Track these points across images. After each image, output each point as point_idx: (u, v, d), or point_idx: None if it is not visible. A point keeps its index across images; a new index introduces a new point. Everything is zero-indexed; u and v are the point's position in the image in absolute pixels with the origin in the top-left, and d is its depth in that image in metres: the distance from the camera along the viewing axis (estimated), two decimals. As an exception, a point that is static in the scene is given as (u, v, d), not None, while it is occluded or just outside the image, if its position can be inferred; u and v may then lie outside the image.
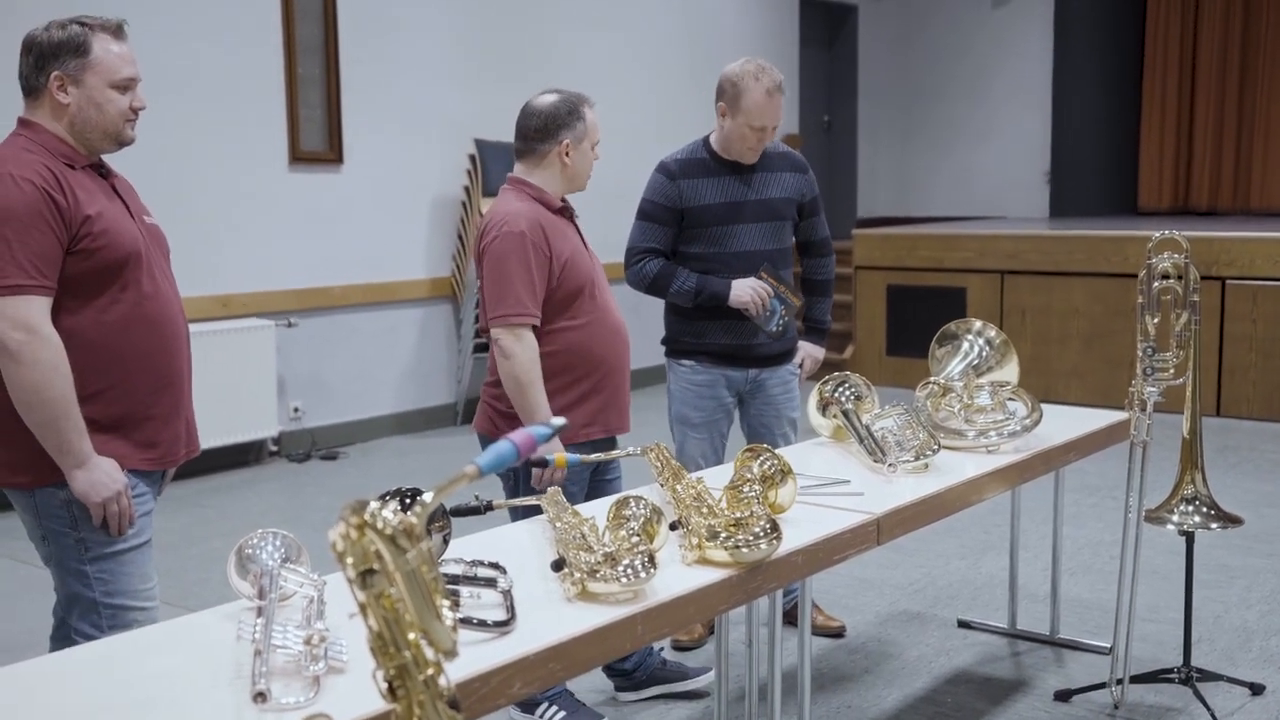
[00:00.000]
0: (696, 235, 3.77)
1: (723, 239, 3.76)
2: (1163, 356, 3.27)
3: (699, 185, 3.76)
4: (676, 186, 3.76)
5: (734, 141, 3.74)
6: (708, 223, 3.76)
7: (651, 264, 3.77)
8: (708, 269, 3.76)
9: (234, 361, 6.31)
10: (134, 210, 2.62)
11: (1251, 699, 3.49)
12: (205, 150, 6.33)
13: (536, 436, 1.45)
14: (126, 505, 2.52)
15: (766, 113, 3.67)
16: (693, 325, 3.83)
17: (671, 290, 3.76)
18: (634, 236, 3.83)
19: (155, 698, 1.68)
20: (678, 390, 3.89)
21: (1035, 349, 7.98)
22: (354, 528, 1.21)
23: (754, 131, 3.69)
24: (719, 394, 3.86)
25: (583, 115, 3.24)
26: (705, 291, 3.73)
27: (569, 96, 3.26)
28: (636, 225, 3.84)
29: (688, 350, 3.86)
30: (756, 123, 3.68)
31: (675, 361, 3.90)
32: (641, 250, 3.79)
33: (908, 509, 2.69)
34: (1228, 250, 7.51)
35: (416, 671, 1.22)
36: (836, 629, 4.04)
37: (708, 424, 3.87)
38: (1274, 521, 5.24)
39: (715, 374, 3.84)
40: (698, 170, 3.78)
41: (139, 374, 2.55)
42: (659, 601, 2.04)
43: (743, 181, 3.79)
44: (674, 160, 3.84)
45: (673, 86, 8.92)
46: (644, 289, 3.81)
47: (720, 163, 3.79)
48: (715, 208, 3.76)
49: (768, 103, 3.66)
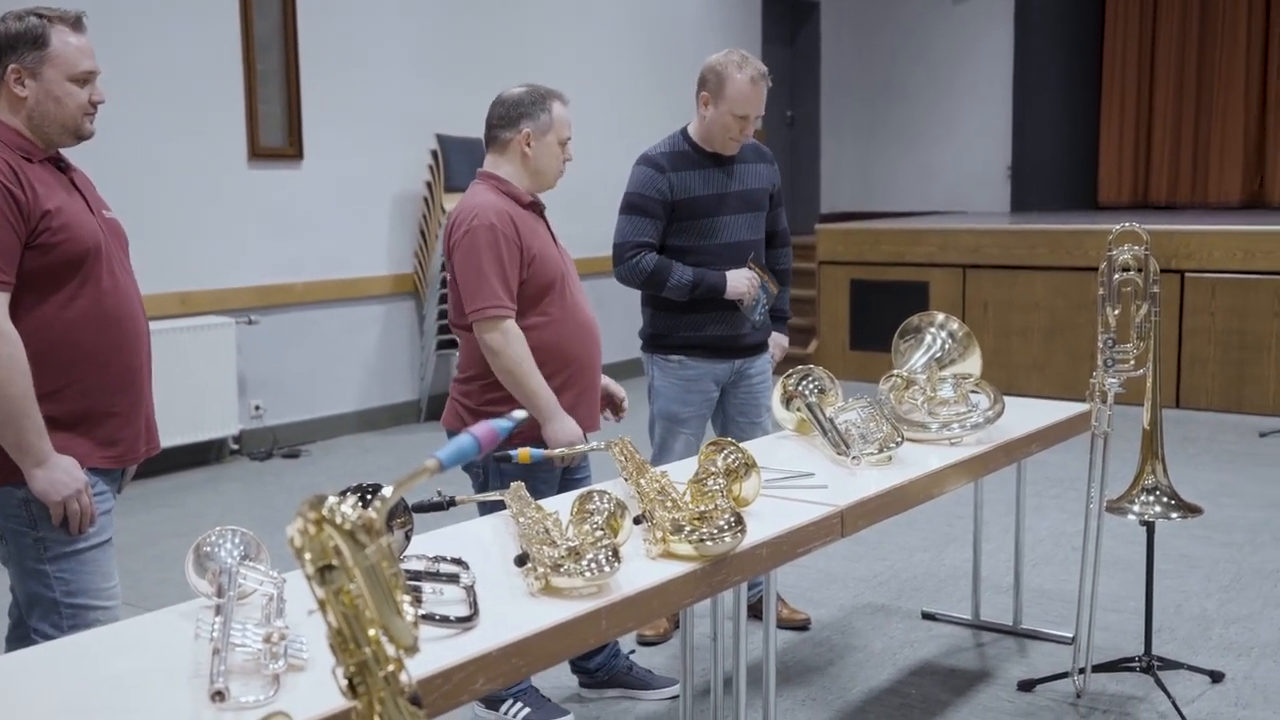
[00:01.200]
0: (686, 228, 3.75)
1: (712, 231, 3.75)
2: (1123, 348, 3.29)
3: (687, 177, 3.74)
4: (667, 179, 3.73)
5: (716, 132, 3.72)
6: (697, 215, 3.74)
7: (647, 258, 3.72)
8: (698, 261, 3.73)
9: (194, 359, 6.25)
10: (93, 204, 2.58)
11: (1211, 686, 3.52)
12: (163, 146, 6.26)
13: (498, 430, 1.44)
14: (87, 504, 2.48)
15: (750, 101, 3.65)
16: (685, 319, 3.79)
17: (669, 284, 3.71)
18: (624, 231, 3.77)
19: (113, 698, 1.66)
20: (665, 387, 3.85)
21: (997, 342, 8.03)
22: (312, 523, 1.19)
23: (737, 120, 3.67)
24: (706, 388, 3.84)
25: (548, 108, 3.21)
26: (703, 284, 3.71)
27: (538, 89, 3.24)
28: (625, 220, 3.77)
29: (677, 345, 3.83)
30: (740, 111, 3.66)
31: (662, 357, 3.86)
32: (635, 245, 3.73)
33: (872, 501, 2.70)
34: (1186, 244, 7.58)
35: (377, 668, 1.21)
36: (801, 621, 4.05)
37: (696, 418, 3.85)
38: (1232, 511, 5.29)
39: (704, 367, 3.82)
40: (684, 162, 3.76)
41: (99, 371, 2.51)
42: (623, 596, 2.03)
43: (725, 172, 3.78)
44: (659, 153, 3.79)
45: (635, 82, 8.91)
46: (639, 284, 3.76)
47: (702, 154, 3.77)
48: (704, 199, 3.74)
49: (752, 91, 3.65)
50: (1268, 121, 9.96)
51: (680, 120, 3.96)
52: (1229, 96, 10.02)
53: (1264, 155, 10.03)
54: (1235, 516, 5.22)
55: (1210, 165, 10.17)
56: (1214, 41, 10.05)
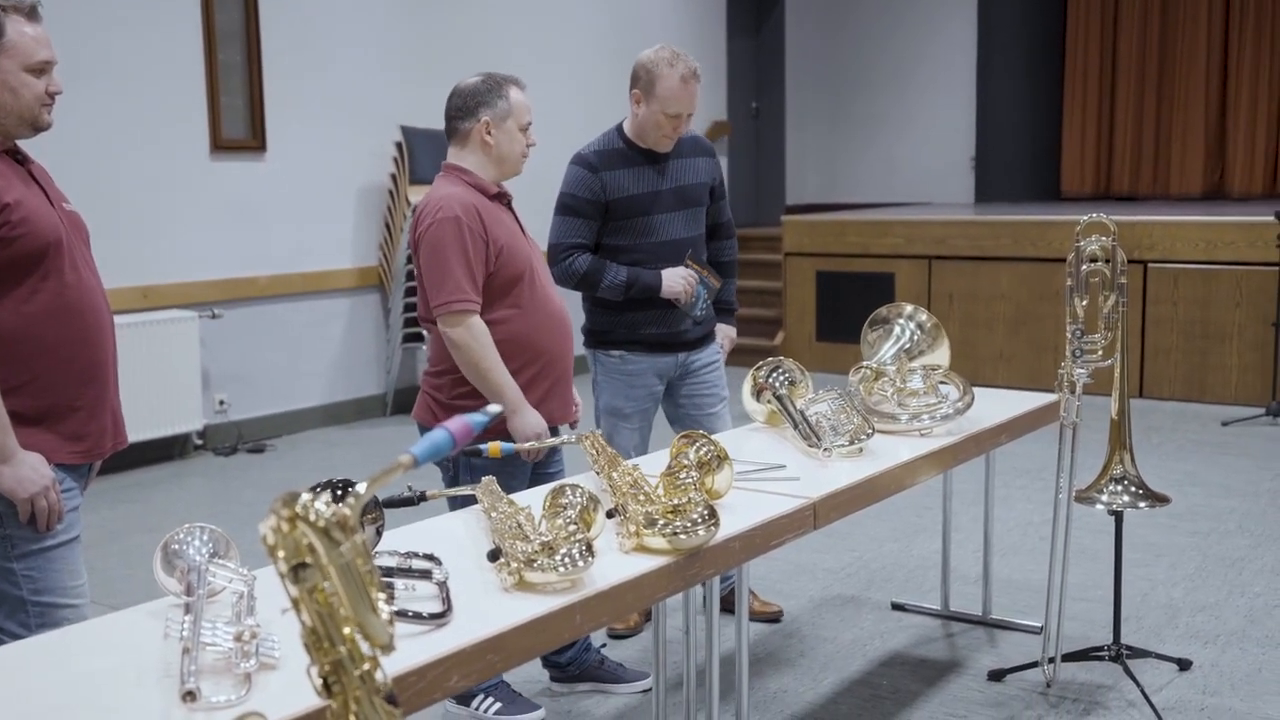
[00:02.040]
0: (621, 227, 3.72)
1: (647, 229, 3.72)
2: (1091, 339, 3.30)
3: (620, 176, 3.71)
4: (599, 179, 3.70)
5: (649, 129, 3.69)
6: (632, 214, 3.71)
7: (580, 260, 3.68)
8: (634, 260, 3.72)
9: (156, 354, 6.19)
10: (53, 197, 2.54)
11: (1179, 674, 3.55)
12: (123, 138, 6.18)
13: (473, 424, 1.42)
14: (55, 500, 2.44)
15: (681, 100, 3.62)
16: (622, 317, 3.77)
17: (603, 285, 3.69)
18: (557, 232, 3.73)
19: (83, 697, 1.63)
20: (606, 382, 3.85)
21: (962, 333, 8.07)
22: (285, 520, 1.17)
23: (669, 119, 3.64)
24: (649, 382, 3.83)
25: (505, 94, 3.18)
26: (637, 284, 3.69)
27: (493, 76, 3.21)
28: (559, 221, 3.74)
29: (617, 341, 3.82)
30: (671, 110, 3.62)
31: (602, 353, 3.84)
32: (568, 246, 3.70)
33: (844, 493, 2.70)
34: (1149, 234, 7.64)
35: (352, 667, 1.19)
36: (774, 614, 4.05)
37: (639, 413, 3.84)
38: (1196, 500, 5.34)
39: (645, 362, 3.80)
40: (617, 161, 3.73)
41: (63, 365, 2.47)
42: (597, 590, 2.02)
43: (659, 170, 3.75)
44: (592, 152, 3.75)
45: (599, 73, 8.88)
46: (573, 286, 3.73)
47: (637, 151, 3.74)
48: (638, 198, 3.71)
49: (682, 90, 3.61)
50: (1228, 114, 10.05)
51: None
52: (1190, 89, 10.10)
53: (1224, 147, 10.12)
54: (1200, 505, 5.27)
55: (1172, 156, 10.25)
56: (1175, 34, 10.13)
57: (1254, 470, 5.87)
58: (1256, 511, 5.18)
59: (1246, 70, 9.87)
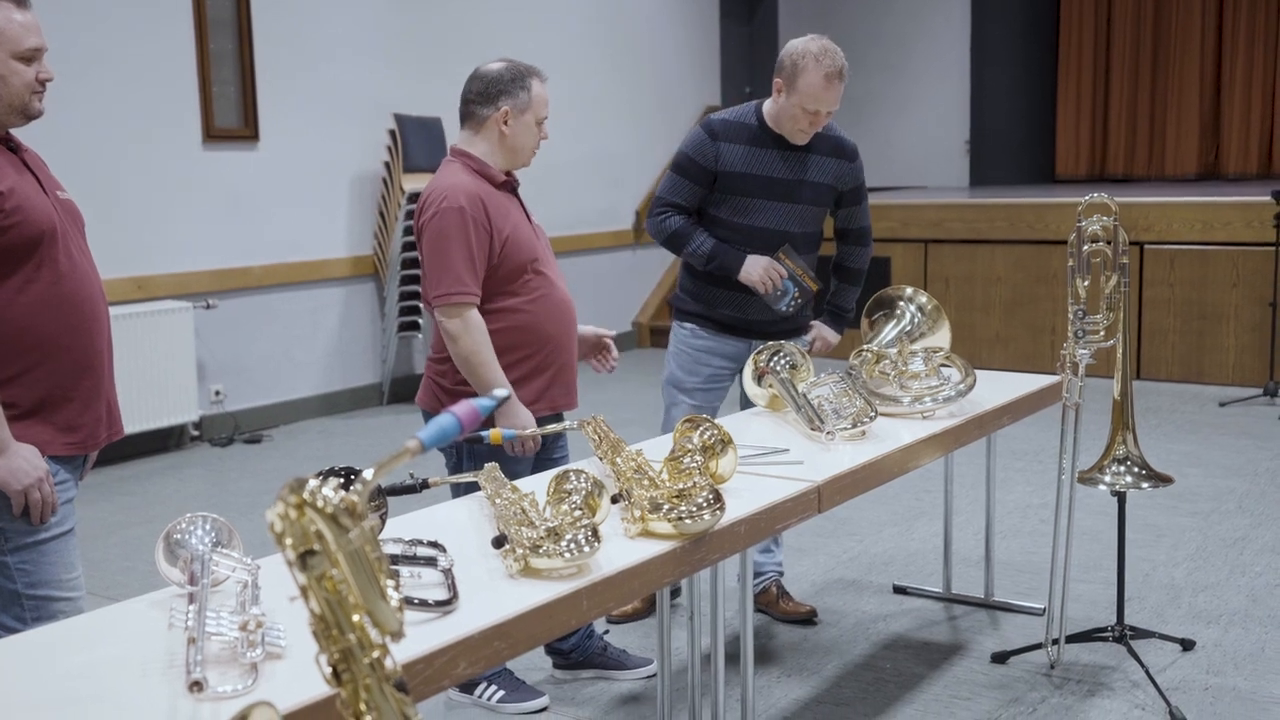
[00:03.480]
0: (724, 200, 3.69)
1: (749, 210, 3.68)
2: (1093, 319, 3.29)
3: (737, 151, 3.67)
4: (716, 147, 3.67)
5: (785, 120, 3.63)
6: (738, 191, 3.67)
7: (674, 219, 3.71)
8: (727, 236, 3.69)
9: (152, 345, 6.16)
10: (46, 185, 2.51)
11: (1183, 654, 3.54)
12: (115, 128, 6.15)
13: (479, 409, 1.40)
14: (49, 492, 2.42)
15: (821, 98, 3.53)
16: (703, 290, 3.77)
17: (687, 250, 3.70)
18: (663, 187, 3.76)
19: (86, 690, 1.61)
20: (675, 352, 3.84)
21: (959, 317, 8.05)
22: (293, 507, 1.15)
23: (806, 114, 3.57)
24: (714, 362, 3.79)
25: (528, 86, 3.15)
26: (718, 260, 3.67)
27: (517, 65, 3.18)
28: (668, 177, 3.76)
29: (691, 314, 3.81)
30: (810, 106, 3.55)
31: (678, 324, 3.86)
32: (667, 203, 3.73)
33: (847, 476, 2.68)
34: (1145, 215, 7.62)
35: (362, 654, 1.18)
36: (805, 614, 3.91)
37: (701, 391, 3.79)
38: (1196, 481, 5.34)
39: (715, 341, 3.78)
40: (742, 135, 3.68)
41: (58, 355, 2.45)
42: (603, 576, 2.00)
43: (786, 160, 3.68)
44: (719, 120, 3.73)
45: (592, 59, 8.84)
46: (661, 241, 3.77)
47: (767, 133, 3.68)
48: (749, 178, 3.66)
49: (825, 88, 3.52)
50: (1222, 94, 10.04)
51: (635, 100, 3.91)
52: (1184, 69, 10.08)
53: (1219, 127, 10.11)
54: (1199, 486, 5.27)
55: (1167, 137, 10.23)
56: (1170, 15, 10.11)
57: (1253, 450, 5.87)
58: (1256, 491, 5.18)
59: (1241, 50, 9.86)
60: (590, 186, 8.85)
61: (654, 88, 9.39)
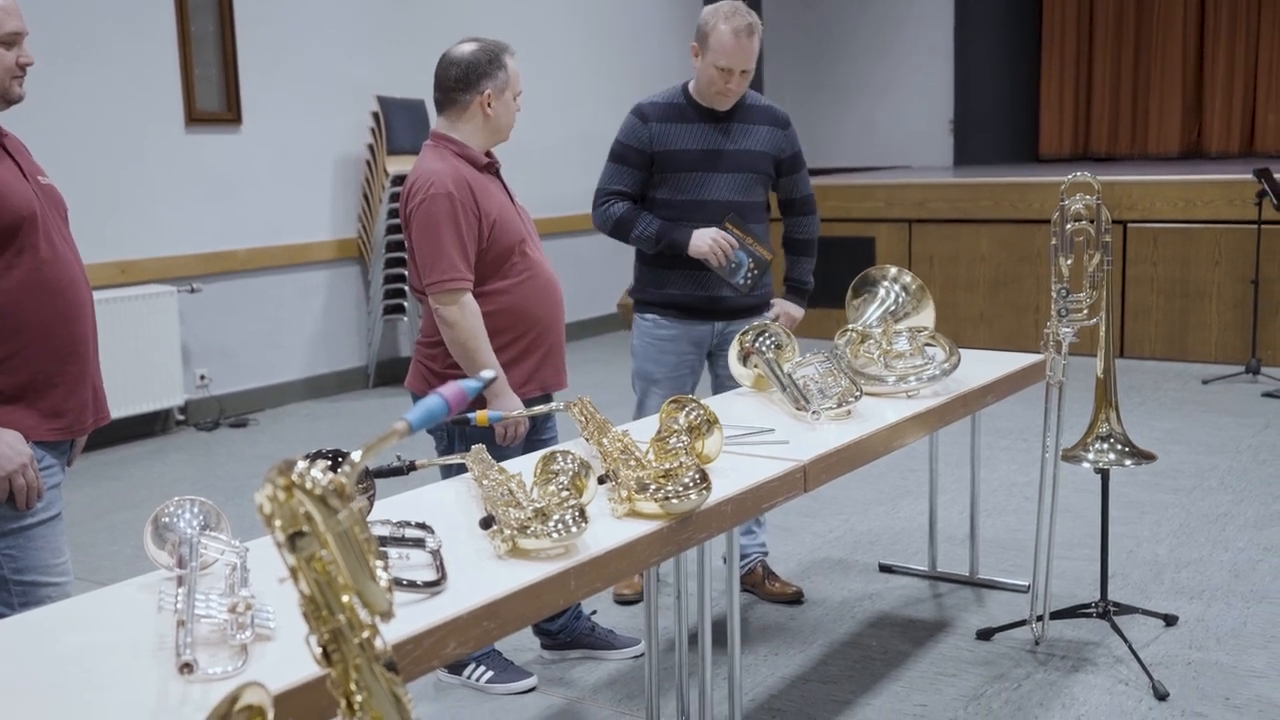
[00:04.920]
0: (665, 180, 3.70)
1: (691, 186, 3.69)
2: (1076, 297, 3.31)
3: (671, 130, 3.69)
4: (649, 129, 3.69)
5: (704, 85, 3.66)
6: (677, 169, 3.69)
7: (616, 206, 3.71)
8: (674, 216, 3.69)
9: (136, 329, 6.14)
10: (27, 170, 2.50)
11: (1165, 630, 3.57)
12: (97, 112, 6.11)
13: (467, 390, 1.40)
14: (33, 478, 2.42)
15: (734, 54, 3.56)
16: (655, 274, 3.77)
17: (633, 235, 3.70)
18: (603, 178, 3.77)
19: (76, 674, 1.61)
20: (640, 345, 3.84)
21: (943, 296, 8.07)
22: (281, 489, 1.16)
23: (721, 73, 3.59)
24: (681, 349, 3.79)
25: (504, 64, 3.15)
26: (665, 239, 3.67)
27: (489, 45, 3.17)
28: (607, 166, 3.78)
29: (650, 302, 3.81)
30: (722, 63, 3.57)
31: (639, 315, 3.86)
32: (609, 192, 3.74)
33: (833, 455, 2.70)
34: (1129, 194, 7.65)
35: (352, 634, 1.18)
36: (793, 594, 3.93)
37: (670, 380, 3.79)
38: (1178, 458, 5.37)
39: (678, 329, 3.78)
40: (673, 115, 3.71)
41: (41, 341, 2.44)
42: (591, 556, 2.01)
43: (718, 130, 3.70)
44: (650, 103, 3.76)
45: (575, 42, 8.81)
46: (607, 231, 3.76)
47: (697, 109, 3.71)
48: (686, 154, 3.68)
49: (734, 44, 3.55)
50: (1205, 73, 10.07)
51: (617, 80, 3.91)
52: (1167, 48, 10.10)
53: (1201, 106, 10.14)
54: (1182, 463, 5.30)
55: (1150, 116, 10.26)
56: (1152, -7, 10.13)
57: (1235, 427, 5.91)
58: (1238, 468, 5.22)
59: (1223, 29, 9.88)
60: (573, 168, 8.82)
61: (636, 69, 9.37)
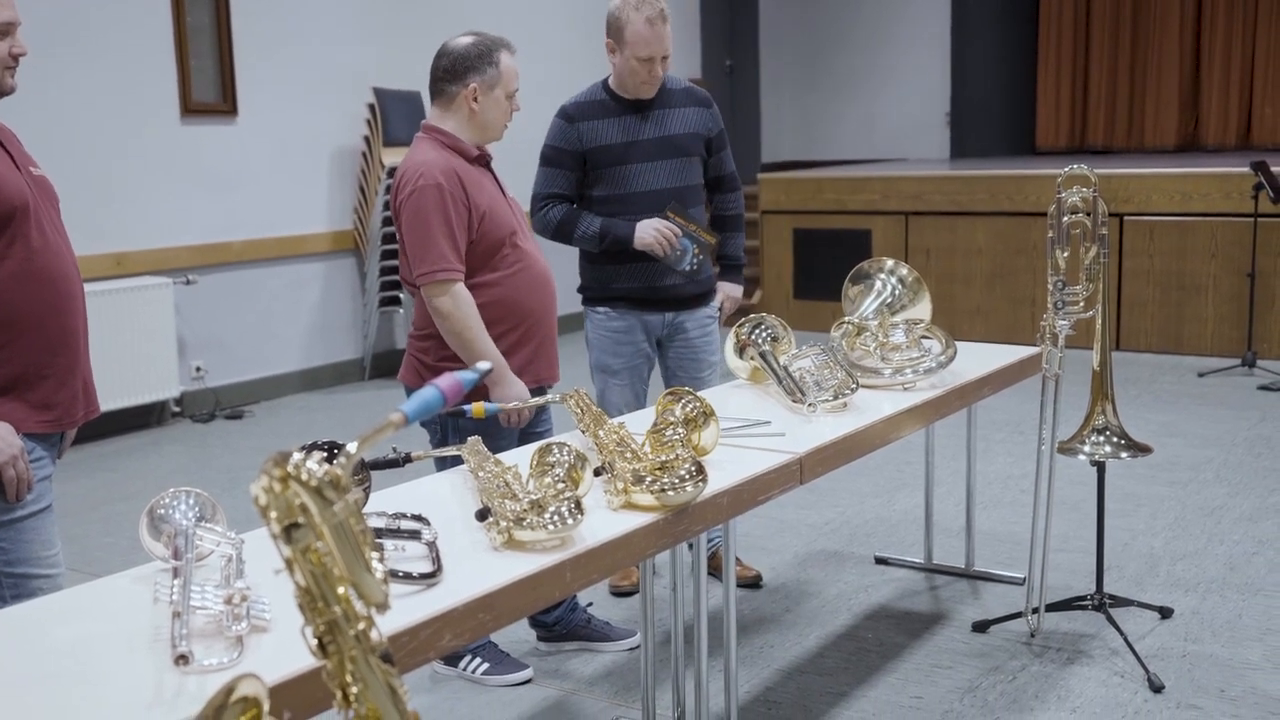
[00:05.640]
0: (599, 177, 3.70)
1: (625, 179, 3.69)
2: (1073, 290, 3.30)
3: (598, 126, 3.69)
4: (576, 129, 3.69)
5: (626, 77, 3.67)
6: (609, 163, 3.69)
7: (555, 210, 3.70)
8: (613, 211, 3.69)
9: (131, 321, 6.13)
10: (19, 160, 2.49)
11: (1161, 622, 3.58)
12: (92, 103, 6.10)
13: (463, 381, 1.40)
14: (23, 470, 2.40)
15: (650, 42, 3.58)
16: (605, 271, 3.77)
17: (576, 235, 3.69)
18: (537, 183, 3.76)
19: (71, 665, 1.61)
20: (595, 338, 3.83)
21: (939, 288, 8.07)
22: (277, 480, 1.15)
23: (642, 64, 3.60)
24: (636, 339, 3.80)
25: (495, 61, 3.14)
26: (609, 235, 3.66)
27: (486, 40, 3.15)
28: (539, 171, 3.77)
29: (600, 297, 3.81)
30: (641, 53, 3.58)
31: (590, 309, 3.85)
32: (545, 196, 3.73)
33: (829, 448, 2.70)
34: (1125, 187, 7.65)
35: (347, 626, 1.18)
36: (752, 578, 4.00)
37: (628, 370, 3.80)
38: (1174, 450, 5.38)
39: (631, 319, 3.78)
40: (596, 111, 3.71)
41: (32, 332, 2.43)
42: (587, 548, 2.01)
43: (642, 118, 3.71)
44: (572, 104, 3.76)
45: (571, 35, 8.80)
46: (550, 236, 3.74)
47: (619, 101, 3.72)
48: (615, 147, 3.68)
49: (649, 32, 3.57)
50: (1201, 66, 10.06)
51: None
52: (1164, 41, 10.09)
53: (1198, 99, 10.13)
54: (1178, 455, 5.31)
55: (1146, 109, 10.26)
56: (1149, -14, 10.12)
57: (1231, 420, 5.91)
58: (1234, 461, 5.22)
59: (1220, 22, 9.87)
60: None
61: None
